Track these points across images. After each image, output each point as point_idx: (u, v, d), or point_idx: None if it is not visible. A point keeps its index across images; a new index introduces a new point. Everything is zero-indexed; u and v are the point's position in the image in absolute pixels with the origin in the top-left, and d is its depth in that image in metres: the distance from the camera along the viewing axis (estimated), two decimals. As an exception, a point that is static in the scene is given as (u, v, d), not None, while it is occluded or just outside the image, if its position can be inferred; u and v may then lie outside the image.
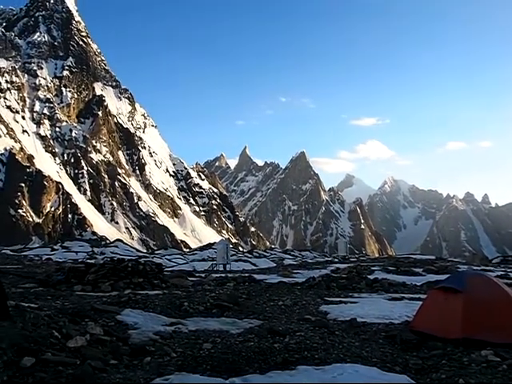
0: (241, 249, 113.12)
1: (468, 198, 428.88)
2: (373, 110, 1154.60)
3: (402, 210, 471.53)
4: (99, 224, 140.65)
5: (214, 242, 67.47)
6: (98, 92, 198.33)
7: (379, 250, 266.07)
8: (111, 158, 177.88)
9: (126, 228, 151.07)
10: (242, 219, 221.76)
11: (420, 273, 20.16)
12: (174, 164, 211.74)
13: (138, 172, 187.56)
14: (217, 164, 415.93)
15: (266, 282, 14.85)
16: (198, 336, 6.36)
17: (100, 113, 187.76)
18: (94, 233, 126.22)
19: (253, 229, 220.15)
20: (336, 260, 41.02)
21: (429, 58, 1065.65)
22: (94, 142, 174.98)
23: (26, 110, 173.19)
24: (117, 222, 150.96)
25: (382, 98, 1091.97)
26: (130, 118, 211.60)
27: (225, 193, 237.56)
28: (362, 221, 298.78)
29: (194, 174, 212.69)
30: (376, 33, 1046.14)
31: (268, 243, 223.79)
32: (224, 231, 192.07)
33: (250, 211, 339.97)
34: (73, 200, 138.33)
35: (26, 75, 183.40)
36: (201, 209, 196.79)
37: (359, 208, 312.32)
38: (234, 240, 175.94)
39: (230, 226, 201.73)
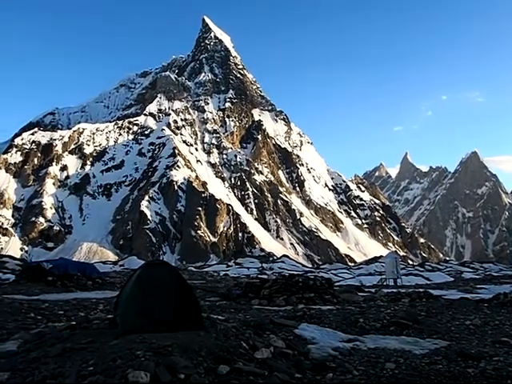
0: (410, 262, 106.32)
1: None
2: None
3: None
4: (266, 241, 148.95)
5: (381, 256, 65.04)
6: (257, 117, 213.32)
7: None
8: (272, 178, 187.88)
9: (291, 244, 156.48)
10: (408, 230, 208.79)
11: None
12: (332, 178, 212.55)
13: (298, 189, 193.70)
14: (376, 174, 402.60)
15: (445, 299, 13.54)
16: (378, 354, 6.08)
17: (259, 137, 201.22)
18: (262, 249, 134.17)
19: (422, 240, 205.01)
20: (529, 273, 35.27)
21: None
22: (256, 164, 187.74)
23: (198, 142, 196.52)
24: (282, 239, 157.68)
25: None
26: (287, 138, 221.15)
27: (387, 203, 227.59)
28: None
29: (353, 186, 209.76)
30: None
31: (441, 255, 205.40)
32: (390, 244, 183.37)
33: (418, 221, 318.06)
34: (242, 220, 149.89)
35: (195, 112, 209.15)
36: (363, 221, 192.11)
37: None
38: (401, 253, 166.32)
39: (396, 237, 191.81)
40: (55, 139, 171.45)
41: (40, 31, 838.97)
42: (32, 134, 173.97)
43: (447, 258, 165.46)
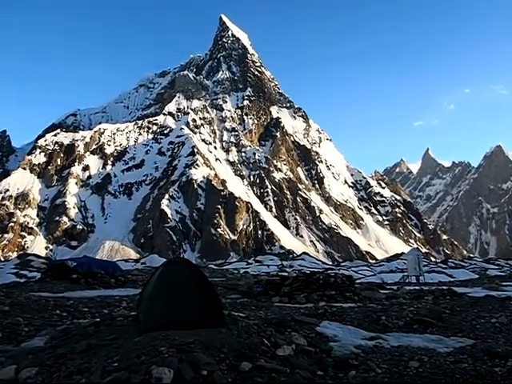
0: (433, 259, 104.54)
1: None
2: None
3: None
4: (286, 238, 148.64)
5: (402, 253, 64.20)
6: (275, 115, 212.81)
7: None
8: (291, 175, 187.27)
9: (311, 241, 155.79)
10: (431, 226, 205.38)
11: None
12: (352, 175, 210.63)
13: (317, 186, 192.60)
14: (397, 170, 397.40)
15: (469, 296, 13.28)
16: (401, 352, 6.00)
17: (278, 134, 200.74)
18: (281, 247, 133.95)
19: (445, 236, 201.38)
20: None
21: None
22: (274, 161, 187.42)
23: (217, 140, 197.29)
24: (301, 236, 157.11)
25: None
26: (306, 135, 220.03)
27: (409, 199, 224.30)
28: None
29: (373, 182, 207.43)
30: None
31: (465, 252, 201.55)
32: (411, 240, 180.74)
33: (440, 217, 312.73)
34: (261, 217, 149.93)
35: (214, 110, 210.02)
36: (384, 218, 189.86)
37: None
38: (423, 249, 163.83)
39: (417, 234, 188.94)
40: (77, 140, 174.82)
41: (53, 31, 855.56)
42: (55, 135, 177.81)
43: (471, 255, 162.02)
